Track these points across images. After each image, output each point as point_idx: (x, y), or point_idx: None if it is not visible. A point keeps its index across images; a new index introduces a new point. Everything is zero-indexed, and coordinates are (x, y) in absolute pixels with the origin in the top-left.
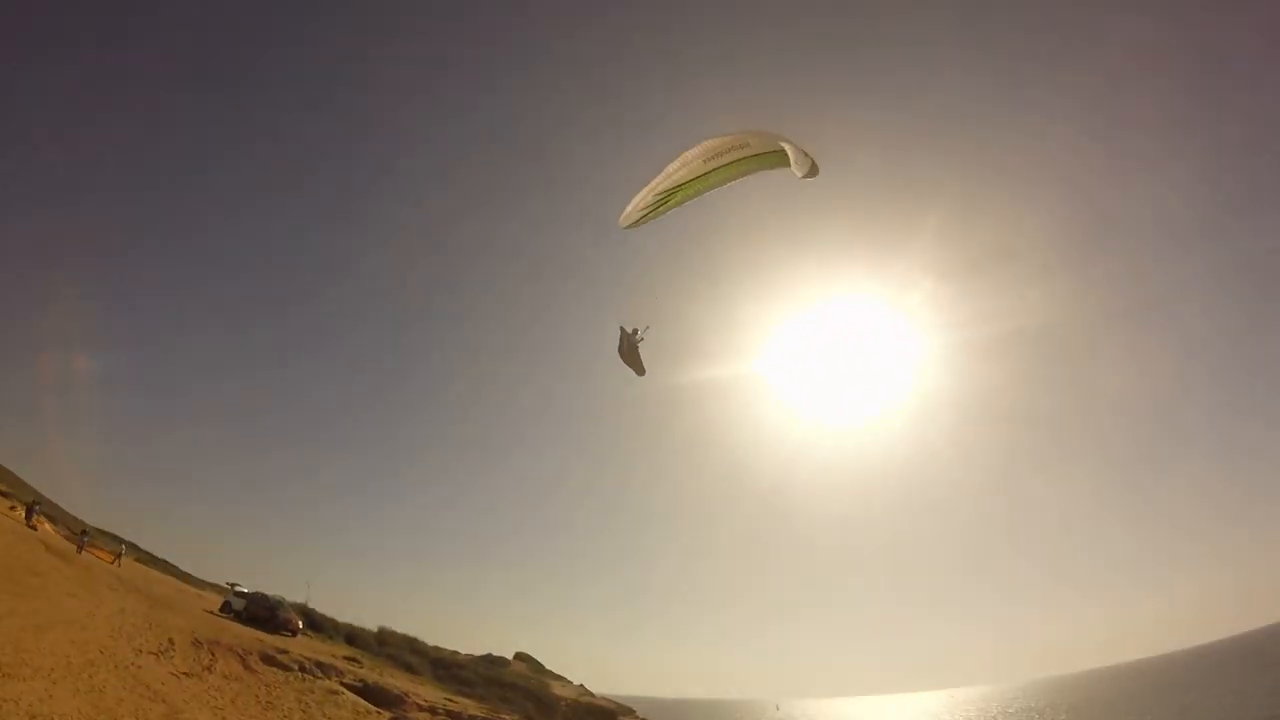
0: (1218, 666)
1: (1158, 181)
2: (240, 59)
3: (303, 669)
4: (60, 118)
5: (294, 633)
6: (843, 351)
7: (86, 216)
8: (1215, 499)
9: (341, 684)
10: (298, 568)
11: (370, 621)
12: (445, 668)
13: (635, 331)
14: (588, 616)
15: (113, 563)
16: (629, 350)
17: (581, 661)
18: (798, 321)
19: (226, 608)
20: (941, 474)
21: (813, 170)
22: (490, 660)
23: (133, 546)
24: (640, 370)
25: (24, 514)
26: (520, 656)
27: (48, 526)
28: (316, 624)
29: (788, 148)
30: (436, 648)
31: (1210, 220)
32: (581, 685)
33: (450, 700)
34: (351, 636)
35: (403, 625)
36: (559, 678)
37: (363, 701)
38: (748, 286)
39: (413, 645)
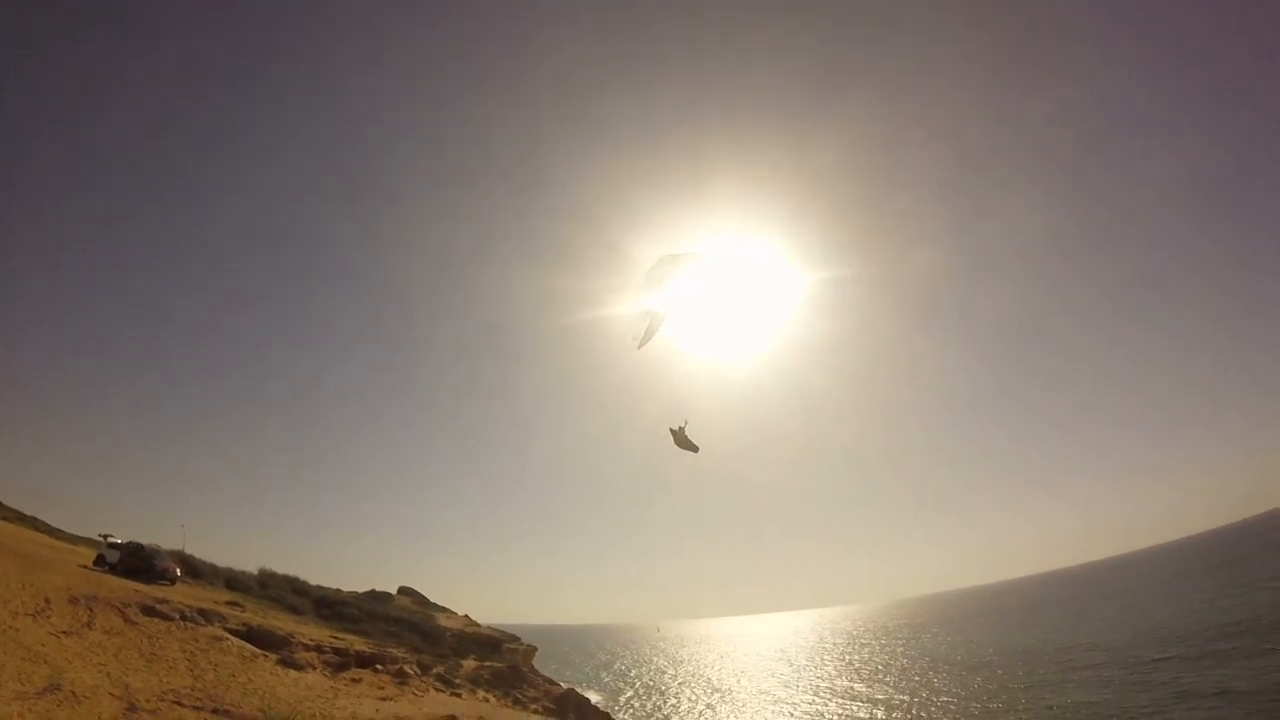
0: (1077, 590)
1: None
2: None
3: (184, 617)
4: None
5: (173, 581)
6: (731, 286)
7: None
8: (1095, 430)
9: (225, 629)
10: (172, 515)
11: (251, 564)
12: (329, 606)
13: (681, 428)
14: (474, 551)
15: None
16: (683, 441)
17: (468, 595)
18: (691, 256)
19: (101, 561)
20: (822, 407)
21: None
22: (375, 596)
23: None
24: (695, 449)
25: None
26: (404, 591)
27: None
28: (195, 570)
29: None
30: (319, 587)
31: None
32: (466, 616)
33: (336, 638)
34: (232, 581)
35: (284, 567)
36: (444, 610)
37: (248, 645)
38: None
39: (295, 586)
